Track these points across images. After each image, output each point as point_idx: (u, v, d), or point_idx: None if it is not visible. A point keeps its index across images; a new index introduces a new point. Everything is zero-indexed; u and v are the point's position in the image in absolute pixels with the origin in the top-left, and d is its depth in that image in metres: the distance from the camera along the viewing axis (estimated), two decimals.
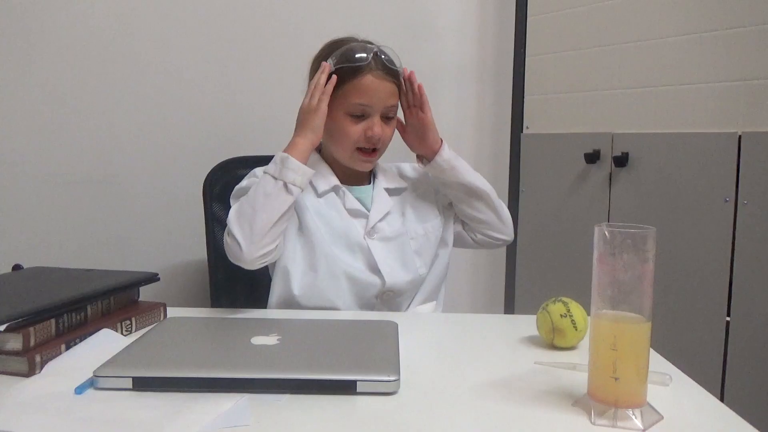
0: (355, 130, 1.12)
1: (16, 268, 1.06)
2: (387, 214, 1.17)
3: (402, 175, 1.27)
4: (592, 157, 1.80)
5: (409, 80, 1.15)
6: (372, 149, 1.14)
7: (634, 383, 0.64)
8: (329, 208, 1.14)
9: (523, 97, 2.04)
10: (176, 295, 1.60)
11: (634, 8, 1.72)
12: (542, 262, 1.95)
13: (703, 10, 1.57)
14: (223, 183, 1.35)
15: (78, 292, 0.84)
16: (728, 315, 1.52)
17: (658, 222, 1.66)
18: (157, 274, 0.98)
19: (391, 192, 1.22)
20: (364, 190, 1.20)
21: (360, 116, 1.12)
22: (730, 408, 0.67)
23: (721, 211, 1.53)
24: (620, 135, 1.76)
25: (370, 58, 1.10)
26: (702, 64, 1.58)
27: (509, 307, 2.03)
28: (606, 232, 0.63)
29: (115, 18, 1.52)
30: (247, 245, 0.99)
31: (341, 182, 1.17)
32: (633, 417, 0.63)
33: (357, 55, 1.10)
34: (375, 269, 1.12)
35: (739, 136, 1.50)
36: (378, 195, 1.19)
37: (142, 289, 0.98)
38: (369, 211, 1.16)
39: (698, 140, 1.58)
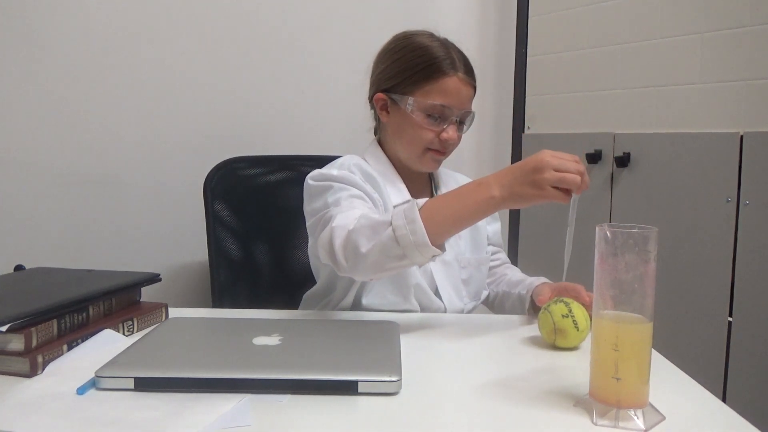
0: (430, 132, 1.09)
1: (18, 268, 1.06)
2: None
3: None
4: (594, 157, 1.80)
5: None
6: (442, 152, 1.12)
7: (635, 384, 0.64)
8: None
9: (525, 97, 2.04)
10: (178, 295, 1.60)
11: (635, 8, 1.72)
12: (543, 262, 1.95)
13: (704, 10, 1.57)
14: (223, 182, 1.36)
15: (80, 293, 0.84)
16: (730, 315, 1.52)
17: (659, 222, 1.66)
18: (159, 275, 0.98)
19: None
20: None
21: (437, 118, 1.09)
22: (732, 408, 0.67)
23: (723, 211, 1.53)
24: (622, 135, 1.76)
25: (456, 61, 1.08)
26: (704, 63, 1.57)
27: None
28: (608, 233, 0.63)
29: (116, 17, 1.52)
30: (352, 272, 0.93)
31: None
32: (635, 417, 0.63)
33: (443, 55, 1.08)
34: (436, 293, 1.11)
35: (741, 136, 1.50)
36: None
37: (143, 289, 0.98)
38: None
39: (700, 140, 1.58)
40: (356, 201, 1.01)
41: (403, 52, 1.12)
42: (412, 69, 1.09)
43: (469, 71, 1.11)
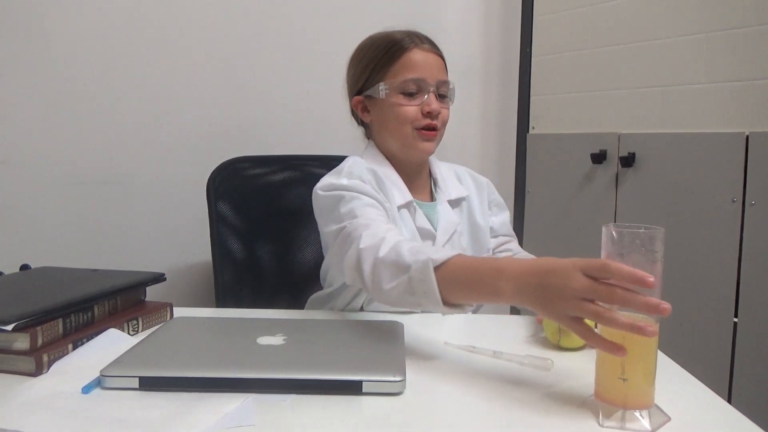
0: (411, 108, 1.08)
1: (24, 268, 1.06)
2: (452, 234, 1.15)
3: (461, 180, 1.24)
4: (599, 158, 1.80)
5: None
6: (431, 128, 1.10)
7: (642, 384, 0.64)
8: (403, 224, 1.10)
9: (529, 97, 2.03)
10: (182, 295, 1.61)
11: (640, 8, 1.72)
12: (548, 254, 1.94)
13: (710, 9, 1.56)
14: (227, 182, 1.36)
15: (85, 292, 0.85)
16: (735, 316, 1.51)
17: (664, 222, 1.65)
18: (164, 274, 0.98)
19: (453, 204, 1.19)
20: (430, 206, 1.17)
21: (414, 94, 1.08)
22: (738, 409, 0.67)
23: (729, 211, 1.52)
24: (627, 135, 1.75)
25: (415, 37, 1.10)
26: (709, 63, 1.57)
27: (515, 308, 2.02)
28: (614, 233, 0.63)
29: (119, 17, 1.52)
30: (376, 299, 0.92)
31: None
32: (641, 418, 0.62)
33: (401, 36, 1.10)
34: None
35: (747, 136, 1.49)
36: (443, 212, 1.16)
37: (148, 289, 0.98)
38: (436, 230, 1.13)
39: (706, 140, 1.57)
40: (371, 210, 0.99)
41: (364, 51, 1.14)
42: (376, 58, 1.11)
43: (431, 43, 1.12)
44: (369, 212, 0.99)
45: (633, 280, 0.59)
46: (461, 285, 0.77)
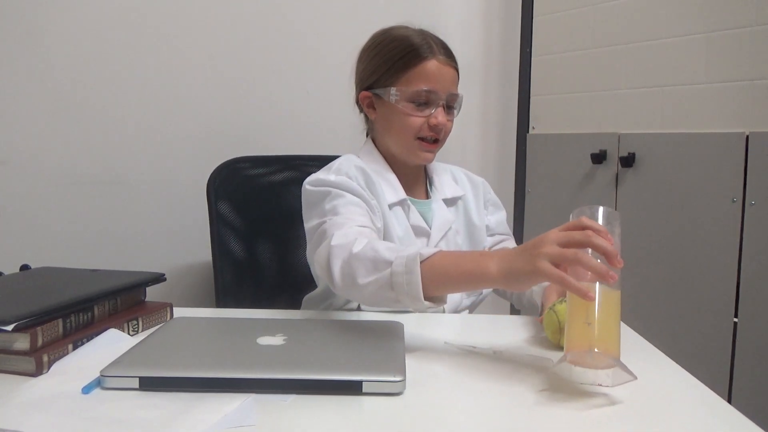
0: (418, 118, 1.08)
1: (24, 268, 1.06)
2: (447, 231, 1.15)
3: (456, 180, 1.25)
4: (599, 158, 1.80)
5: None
6: (433, 140, 1.10)
7: (605, 329, 0.68)
8: (396, 222, 1.11)
9: (529, 98, 2.03)
10: (182, 295, 1.61)
11: (640, 8, 1.72)
12: None
13: (710, 9, 1.56)
14: (227, 182, 1.36)
15: (85, 292, 0.85)
16: (735, 316, 1.51)
17: (665, 222, 1.65)
18: (164, 274, 0.98)
19: (448, 203, 1.19)
20: (425, 203, 1.17)
21: (423, 104, 1.08)
22: (738, 409, 0.67)
23: (729, 211, 1.52)
24: (627, 135, 1.75)
25: (433, 45, 1.09)
26: (709, 63, 1.57)
27: (515, 308, 2.02)
28: (576, 211, 0.77)
29: (119, 18, 1.52)
30: (347, 296, 0.94)
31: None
32: (606, 358, 0.67)
33: (420, 41, 1.09)
34: None
35: (747, 136, 1.49)
36: (438, 210, 1.16)
37: (148, 289, 0.98)
38: (430, 228, 1.14)
39: (706, 140, 1.57)
40: (353, 208, 1.01)
41: (380, 47, 1.13)
42: (391, 60, 1.10)
43: (448, 54, 1.11)
44: (351, 210, 1.00)
45: (601, 234, 0.70)
46: (446, 274, 0.80)
